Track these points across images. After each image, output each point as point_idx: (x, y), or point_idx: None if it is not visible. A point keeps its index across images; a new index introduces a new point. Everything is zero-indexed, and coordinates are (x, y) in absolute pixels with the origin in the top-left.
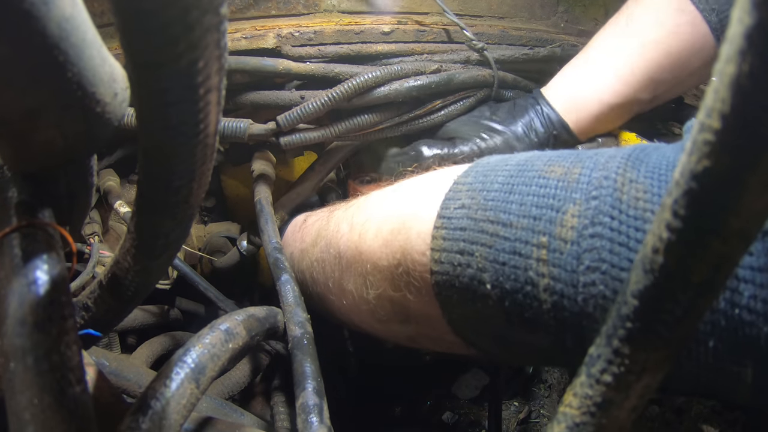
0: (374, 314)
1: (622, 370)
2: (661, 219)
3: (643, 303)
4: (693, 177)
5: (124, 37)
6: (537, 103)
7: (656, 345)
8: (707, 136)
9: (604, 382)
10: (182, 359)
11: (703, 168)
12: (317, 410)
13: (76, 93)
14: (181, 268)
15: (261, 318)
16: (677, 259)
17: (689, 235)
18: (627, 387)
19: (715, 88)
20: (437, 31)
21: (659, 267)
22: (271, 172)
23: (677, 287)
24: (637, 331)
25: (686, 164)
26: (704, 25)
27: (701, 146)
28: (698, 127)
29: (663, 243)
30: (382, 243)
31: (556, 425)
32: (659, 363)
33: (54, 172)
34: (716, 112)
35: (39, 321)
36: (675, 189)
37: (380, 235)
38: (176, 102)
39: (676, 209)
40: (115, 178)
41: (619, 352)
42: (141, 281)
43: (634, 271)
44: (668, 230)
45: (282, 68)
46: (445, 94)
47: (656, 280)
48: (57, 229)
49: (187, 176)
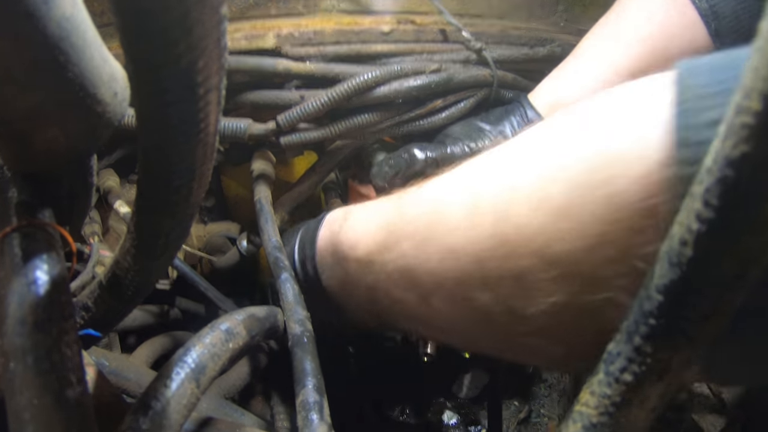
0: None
1: (643, 370)
2: (691, 209)
3: (668, 298)
4: (728, 163)
5: (124, 36)
6: (522, 107)
7: (680, 344)
8: (746, 119)
9: (623, 381)
10: (182, 359)
11: (740, 154)
12: (317, 407)
13: (77, 93)
14: (181, 268)
15: (261, 317)
16: (707, 251)
17: (722, 227)
18: (648, 387)
19: (755, 66)
20: (437, 31)
21: (687, 260)
22: (271, 171)
23: (706, 282)
24: (661, 329)
25: (720, 149)
26: (694, 13)
27: (739, 130)
28: (735, 109)
29: (692, 234)
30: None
31: (571, 424)
32: (683, 363)
33: (54, 172)
34: (757, 92)
35: (39, 321)
36: (707, 176)
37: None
38: (176, 102)
39: (708, 198)
40: (115, 178)
41: (640, 350)
42: (141, 281)
43: (658, 264)
44: (698, 221)
45: (282, 68)
46: (445, 94)
47: (683, 274)
48: (57, 229)
49: (187, 176)
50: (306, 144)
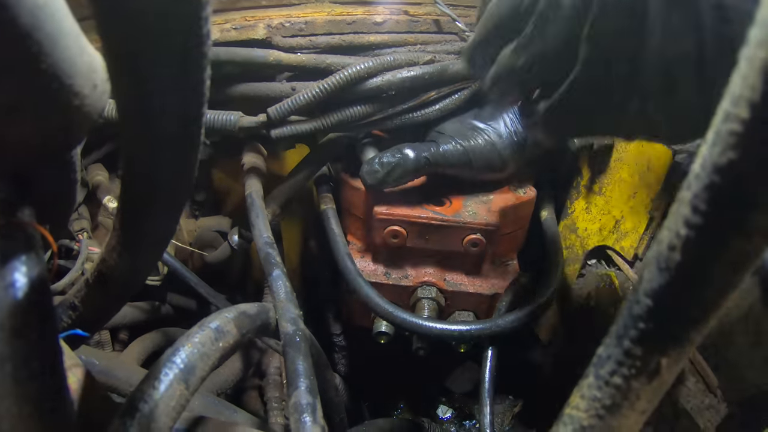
0: None
1: (632, 372)
2: (679, 214)
3: (657, 303)
4: (716, 170)
5: (100, 23)
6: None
7: (669, 347)
8: (733, 126)
9: (613, 384)
10: (171, 359)
11: (728, 160)
12: (310, 409)
13: (52, 85)
14: (172, 264)
15: (252, 315)
16: (696, 257)
17: (710, 232)
18: (638, 390)
19: (744, 74)
20: (431, 22)
21: (676, 265)
22: (262, 165)
23: (695, 287)
24: (650, 332)
25: (708, 156)
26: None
27: (726, 137)
28: (723, 116)
29: (680, 240)
30: None
31: (562, 427)
32: (672, 365)
33: (33, 168)
34: (744, 100)
35: (17, 326)
36: (695, 182)
37: None
38: (157, 92)
39: (696, 204)
40: (103, 173)
41: (630, 353)
42: (128, 279)
43: (647, 268)
44: (687, 227)
45: (272, 59)
46: (438, 86)
47: (672, 279)
48: (37, 229)
49: (171, 170)
50: (297, 137)
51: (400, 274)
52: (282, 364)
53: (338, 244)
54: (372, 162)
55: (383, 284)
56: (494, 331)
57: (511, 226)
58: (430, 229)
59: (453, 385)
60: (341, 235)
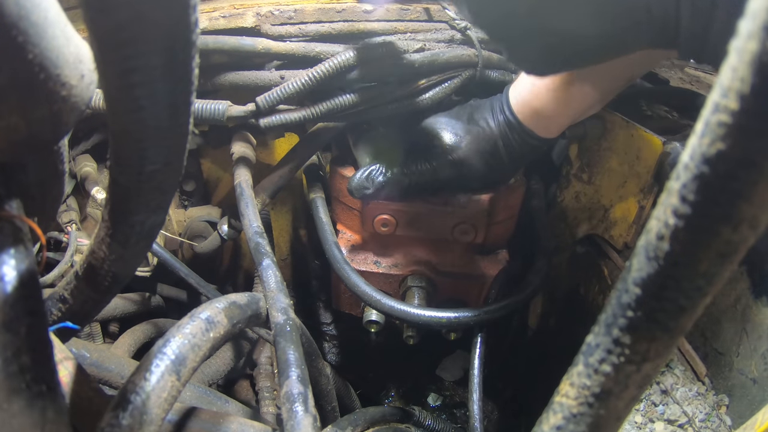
0: None
1: (621, 360)
2: (668, 204)
3: (646, 291)
4: (705, 161)
5: (86, 11)
6: (499, 100)
7: (657, 335)
8: (722, 118)
9: (602, 372)
10: (162, 351)
11: (716, 151)
12: (302, 399)
13: (38, 75)
14: (161, 254)
15: (242, 305)
16: (684, 246)
17: (698, 222)
18: (626, 377)
19: (733, 66)
20: (421, 10)
21: (664, 254)
22: (251, 154)
23: (683, 276)
24: (639, 321)
25: (697, 147)
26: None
27: (715, 128)
28: (712, 107)
29: (669, 229)
30: None
31: (552, 415)
32: (660, 353)
33: (20, 160)
34: (734, 91)
35: (6, 320)
36: (684, 173)
37: None
38: (144, 82)
39: (685, 194)
40: (92, 164)
41: (619, 341)
42: (118, 271)
43: (636, 257)
44: (675, 216)
45: (261, 48)
46: (429, 74)
47: (660, 268)
48: (25, 221)
49: (159, 160)
50: (287, 126)
51: (390, 262)
52: (273, 354)
53: (326, 233)
54: (362, 178)
55: (373, 273)
56: (483, 318)
57: (501, 214)
58: (419, 218)
59: (443, 373)
60: (329, 224)
